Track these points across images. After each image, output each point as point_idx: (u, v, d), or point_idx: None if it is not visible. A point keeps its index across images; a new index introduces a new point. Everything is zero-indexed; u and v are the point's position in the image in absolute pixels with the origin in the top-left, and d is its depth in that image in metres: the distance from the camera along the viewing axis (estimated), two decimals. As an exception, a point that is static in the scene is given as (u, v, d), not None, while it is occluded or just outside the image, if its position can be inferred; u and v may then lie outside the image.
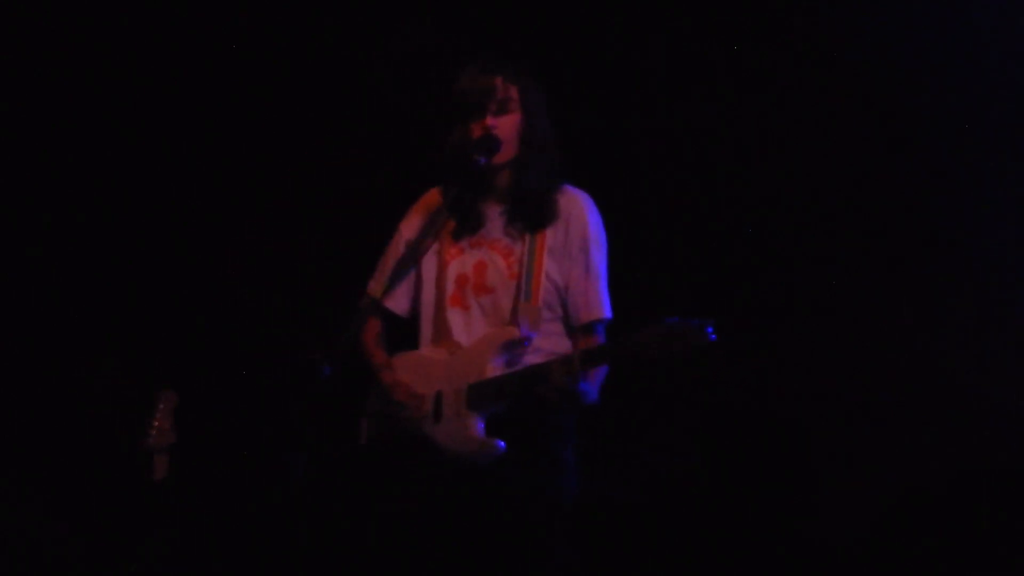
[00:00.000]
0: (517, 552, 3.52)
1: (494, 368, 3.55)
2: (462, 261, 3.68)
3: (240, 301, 4.92)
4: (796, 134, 4.63)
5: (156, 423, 4.11)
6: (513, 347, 3.57)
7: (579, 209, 3.67)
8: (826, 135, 4.60)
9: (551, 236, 3.64)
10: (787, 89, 4.63)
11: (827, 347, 4.57)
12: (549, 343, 3.62)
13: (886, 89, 4.56)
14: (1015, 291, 4.48)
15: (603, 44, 4.76)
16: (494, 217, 3.69)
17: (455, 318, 3.65)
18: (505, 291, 3.62)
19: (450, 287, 3.67)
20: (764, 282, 4.63)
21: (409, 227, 3.78)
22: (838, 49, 4.57)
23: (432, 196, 3.79)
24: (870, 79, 4.57)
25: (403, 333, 3.77)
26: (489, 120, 3.61)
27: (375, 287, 3.76)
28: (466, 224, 3.69)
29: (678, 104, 4.71)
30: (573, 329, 3.66)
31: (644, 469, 4.65)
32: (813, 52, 4.60)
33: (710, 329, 3.26)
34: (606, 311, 3.64)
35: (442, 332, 3.67)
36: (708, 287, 4.59)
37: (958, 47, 4.50)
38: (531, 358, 3.58)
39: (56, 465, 4.78)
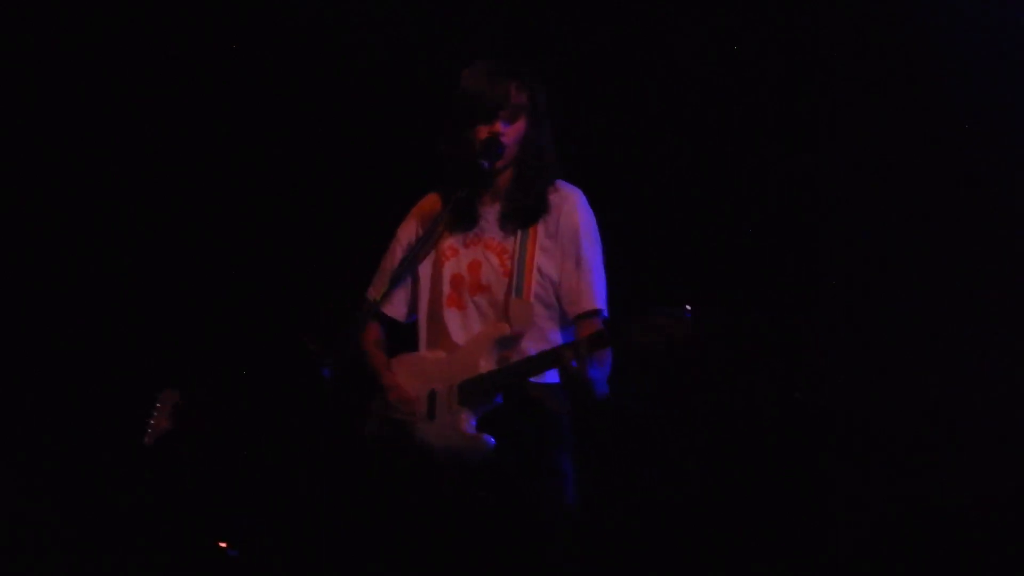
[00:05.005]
0: (515, 558, 3.49)
1: (487, 365, 3.54)
2: (457, 261, 3.68)
3: (244, 302, 4.95)
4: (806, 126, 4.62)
5: (153, 422, 4.16)
6: (505, 343, 3.56)
7: (570, 204, 3.66)
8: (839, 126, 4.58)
9: (543, 231, 3.63)
10: (790, 80, 4.63)
11: (840, 343, 4.53)
12: (543, 338, 3.60)
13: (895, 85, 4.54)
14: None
15: (595, 37, 4.76)
16: (489, 216, 3.68)
17: (452, 319, 3.65)
18: (499, 288, 3.61)
19: (446, 288, 3.67)
20: (774, 279, 4.61)
21: (406, 232, 3.79)
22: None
23: (429, 201, 3.79)
24: (871, 72, 4.56)
25: (405, 336, 3.77)
26: (499, 127, 3.59)
27: (374, 293, 3.76)
28: (461, 223, 3.68)
29: (674, 96, 4.71)
30: (568, 324, 3.64)
31: (643, 478, 4.63)
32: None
33: (688, 315, 3.22)
34: (598, 302, 3.61)
35: (440, 333, 3.67)
36: (714, 282, 4.57)
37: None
38: (523, 354, 3.55)
39: (55, 461, 4.85)
